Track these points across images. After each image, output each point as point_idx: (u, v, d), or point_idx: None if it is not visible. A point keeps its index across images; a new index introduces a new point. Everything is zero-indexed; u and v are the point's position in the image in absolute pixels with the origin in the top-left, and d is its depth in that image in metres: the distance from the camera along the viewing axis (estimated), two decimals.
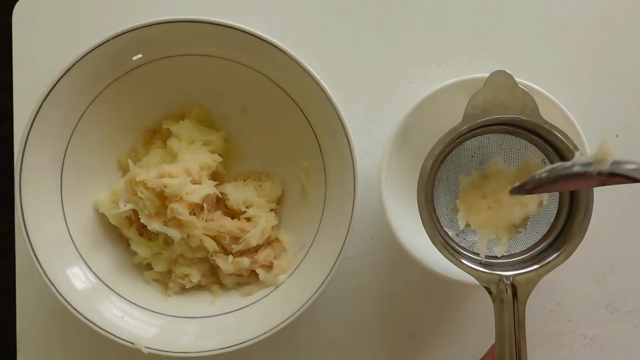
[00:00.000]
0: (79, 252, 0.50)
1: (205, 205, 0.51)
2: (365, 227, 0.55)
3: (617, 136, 0.56)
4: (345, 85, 0.55)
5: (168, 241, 0.52)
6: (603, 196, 0.54)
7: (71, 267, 0.49)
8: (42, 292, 0.51)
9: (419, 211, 0.41)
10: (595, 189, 0.40)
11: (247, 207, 0.53)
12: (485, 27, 0.57)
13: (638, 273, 0.56)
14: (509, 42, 0.57)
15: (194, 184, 0.50)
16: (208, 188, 0.51)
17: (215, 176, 0.54)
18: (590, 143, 0.49)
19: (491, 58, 0.56)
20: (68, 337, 0.55)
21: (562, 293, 0.56)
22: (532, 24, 0.57)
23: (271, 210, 0.54)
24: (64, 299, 0.47)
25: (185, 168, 0.50)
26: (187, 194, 0.49)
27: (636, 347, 0.56)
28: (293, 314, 0.48)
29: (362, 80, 0.56)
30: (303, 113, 0.51)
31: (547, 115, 0.49)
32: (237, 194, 0.53)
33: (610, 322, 0.56)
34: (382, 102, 0.56)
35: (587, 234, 0.50)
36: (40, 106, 0.47)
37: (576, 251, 0.51)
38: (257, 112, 0.54)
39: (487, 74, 0.49)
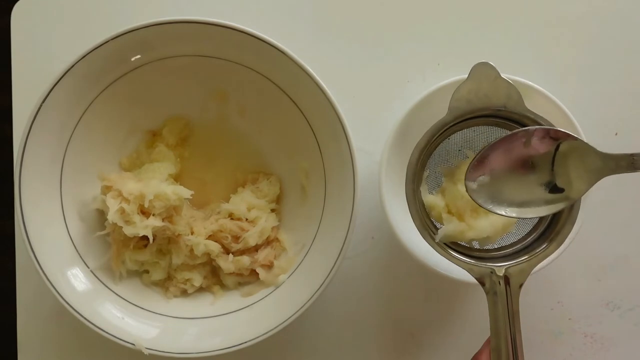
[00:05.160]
0: (79, 254, 0.50)
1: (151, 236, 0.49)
2: (365, 226, 0.55)
3: (616, 134, 0.56)
4: (344, 85, 0.55)
5: (164, 251, 0.52)
6: (603, 194, 0.54)
7: (71, 268, 0.49)
8: (42, 293, 0.51)
9: (408, 204, 0.40)
10: (594, 188, 0.40)
11: (249, 211, 0.53)
12: (484, 26, 0.57)
13: (638, 271, 0.56)
14: (507, 41, 0.57)
15: (142, 213, 0.49)
16: (143, 229, 0.48)
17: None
18: (590, 141, 0.49)
19: (490, 57, 0.56)
20: (69, 339, 0.55)
21: (563, 291, 0.56)
22: (530, 23, 0.57)
23: (272, 210, 0.54)
24: (65, 300, 0.47)
25: (140, 193, 0.49)
26: (126, 221, 0.48)
27: (637, 345, 0.56)
28: (293, 314, 0.48)
29: (362, 80, 0.56)
30: (302, 113, 0.51)
31: (547, 113, 0.49)
32: (239, 204, 0.53)
33: (610, 320, 0.56)
34: (382, 102, 0.56)
35: (587, 232, 0.50)
36: (40, 107, 0.47)
37: (576, 249, 0.51)
38: (257, 112, 0.54)
39: None
